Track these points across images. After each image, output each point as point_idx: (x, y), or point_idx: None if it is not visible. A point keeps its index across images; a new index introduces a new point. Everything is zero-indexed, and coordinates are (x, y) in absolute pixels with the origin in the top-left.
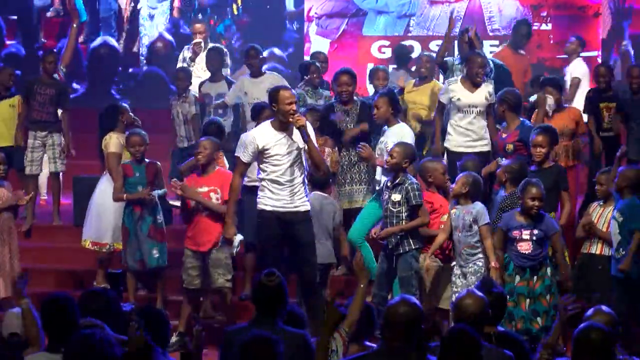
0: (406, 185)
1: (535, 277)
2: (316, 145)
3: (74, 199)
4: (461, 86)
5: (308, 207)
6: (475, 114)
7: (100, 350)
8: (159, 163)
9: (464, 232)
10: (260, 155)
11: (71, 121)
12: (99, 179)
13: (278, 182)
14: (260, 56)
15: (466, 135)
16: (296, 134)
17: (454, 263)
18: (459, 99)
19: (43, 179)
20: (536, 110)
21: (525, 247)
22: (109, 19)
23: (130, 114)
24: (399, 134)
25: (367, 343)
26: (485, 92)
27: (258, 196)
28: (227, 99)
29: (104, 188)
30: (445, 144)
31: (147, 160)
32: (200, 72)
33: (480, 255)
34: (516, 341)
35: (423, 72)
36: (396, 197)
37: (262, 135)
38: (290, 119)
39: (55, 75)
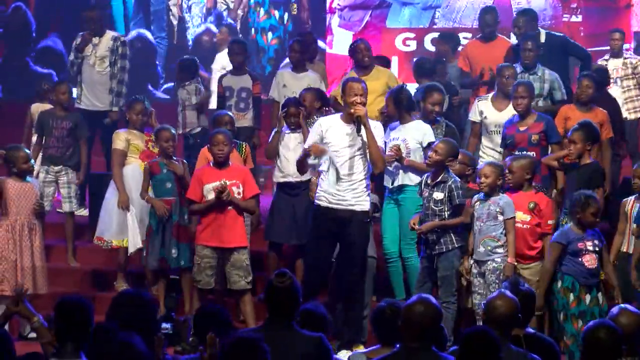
0: (449, 183)
1: (600, 295)
2: (377, 140)
3: (89, 197)
4: (490, 103)
5: (365, 208)
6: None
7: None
8: (185, 161)
9: (488, 222)
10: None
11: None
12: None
13: (336, 175)
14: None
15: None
16: (363, 130)
17: (472, 260)
18: (486, 117)
19: None
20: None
21: (591, 262)
22: (161, 12)
23: (136, 111)
24: (420, 130)
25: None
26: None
27: (317, 192)
28: (272, 94)
29: (113, 186)
30: None
31: (174, 158)
32: (93, 59)
33: (501, 251)
34: (546, 343)
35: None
36: (438, 195)
37: (328, 123)
38: (352, 110)
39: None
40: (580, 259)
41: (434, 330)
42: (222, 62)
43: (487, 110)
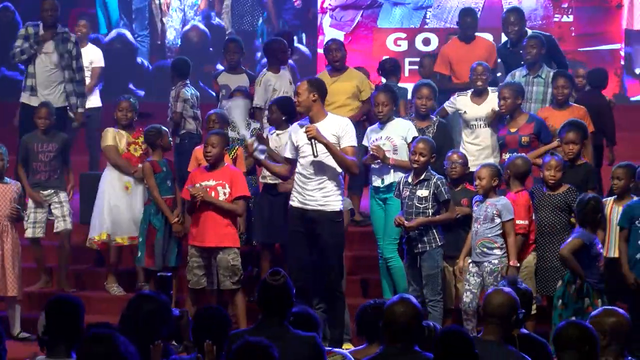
0: (434, 180)
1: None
2: (349, 141)
3: (80, 196)
4: (469, 99)
5: (336, 208)
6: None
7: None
8: (171, 160)
9: (485, 224)
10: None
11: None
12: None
13: (304, 175)
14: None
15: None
16: (324, 129)
17: (469, 260)
18: (465, 112)
19: None
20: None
21: None
22: (143, 9)
23: (128, 110)
24: (403, 126)
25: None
26: (493, 103)
27: (292, 192)
28: (258, 101)
29: (105, 183)
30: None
31: (164, 158)
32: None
33: (498, 253)
34: (539, 343)
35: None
36: (423, 192)
37: (295, 126)
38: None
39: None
40: (597, 264)
41: (416, 330)
42: (88, 58)
43: (466, 105)
